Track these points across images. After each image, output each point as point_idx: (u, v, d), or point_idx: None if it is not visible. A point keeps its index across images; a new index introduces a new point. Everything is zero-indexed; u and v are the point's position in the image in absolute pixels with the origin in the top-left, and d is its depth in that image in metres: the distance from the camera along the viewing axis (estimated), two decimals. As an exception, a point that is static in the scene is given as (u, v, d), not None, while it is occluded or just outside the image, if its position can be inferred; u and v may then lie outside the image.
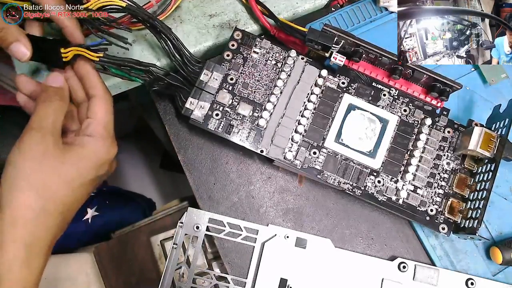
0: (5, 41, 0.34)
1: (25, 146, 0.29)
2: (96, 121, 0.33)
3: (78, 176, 0.31)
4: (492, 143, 0.37)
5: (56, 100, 0.32)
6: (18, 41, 0.34)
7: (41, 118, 0.30)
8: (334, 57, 0.38)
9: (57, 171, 0.30)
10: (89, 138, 0.32)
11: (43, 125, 0.30)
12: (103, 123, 0.33)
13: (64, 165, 0.30)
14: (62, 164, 0.30)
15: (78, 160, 0.31)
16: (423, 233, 0.41)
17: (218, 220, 0.40)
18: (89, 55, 0.36)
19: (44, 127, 0.30)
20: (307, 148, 0.39)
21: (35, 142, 0.29)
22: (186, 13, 0.43)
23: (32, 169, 0.29)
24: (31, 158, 0.29)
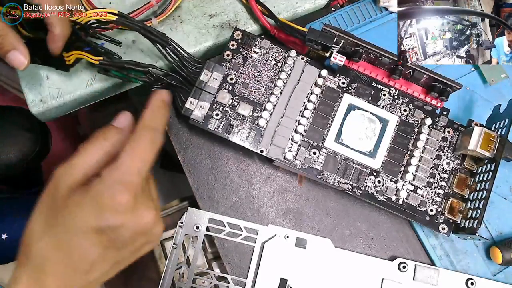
0: (1, 49, 0.33)
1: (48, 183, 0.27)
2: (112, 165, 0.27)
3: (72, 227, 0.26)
4: (492, 143, 0.37)
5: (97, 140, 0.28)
6: (16, 49, 0.33)
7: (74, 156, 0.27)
8: (334, 57, 0.38)
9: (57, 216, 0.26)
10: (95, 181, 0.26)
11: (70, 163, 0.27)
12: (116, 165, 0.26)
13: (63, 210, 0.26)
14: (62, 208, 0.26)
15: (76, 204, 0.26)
16: (423, 233, 0.41)
17: (218, 220, 0.40)
18: (90, 59, 0.37)
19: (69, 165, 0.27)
20: (307, 148, 0.39)
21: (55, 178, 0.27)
22: (186, 13, 0.43)
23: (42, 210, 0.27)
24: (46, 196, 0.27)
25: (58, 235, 0.26)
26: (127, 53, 0.41)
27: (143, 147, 0.27)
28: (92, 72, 0.41)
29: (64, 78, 0.40)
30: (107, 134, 0.28)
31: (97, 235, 0.26)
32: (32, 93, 0.40)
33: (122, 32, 0.41)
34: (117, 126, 0.29)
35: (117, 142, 0.28)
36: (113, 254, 0.27)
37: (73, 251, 0.26)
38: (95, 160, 0.27)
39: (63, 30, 0.34)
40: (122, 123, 0.29)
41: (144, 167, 0.27)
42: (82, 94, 0.40)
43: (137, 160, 0.27)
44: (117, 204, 0.26)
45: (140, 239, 0.28)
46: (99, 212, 0.26)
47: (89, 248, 0.26)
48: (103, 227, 0.26)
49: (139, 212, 0.27)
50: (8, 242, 0.56)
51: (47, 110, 0.40)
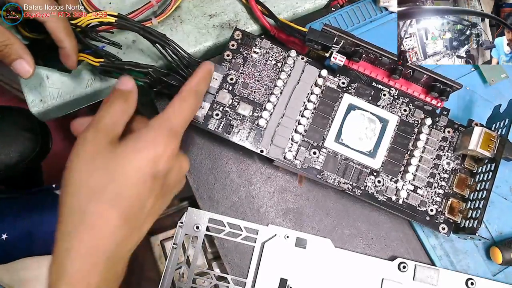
0: (8, 57, 0.34)
1: (78, 148, 0.28)
2: (159, 116, 0.30)
3: (132, 169, 0.27)
4: (492, 143, 0.37)
5: (119, 102, 0.30)
6: (22, 58, 0.34)
7: (99, 118, 0.29)
8: (334, 57, 0.38)
9: (110, 168, 0.27)
10: (144, 129, 0.29)
11: (98, 125, 0.28)
12: (165, 117, 0.30)
13: (115, 160, 0.27)
14: (112, 159, 0.27)
15: (129, 152, 0.28)
16: (423, 233, 0.41)
17: (218, 220, 0.40)
18: (91, 61, 0.37)
19: (99, 127, 0.28)
20: (307, 148, 0.39)
21: (87, 143, 0.28)
22: (186, 13, 0.43)
23: (87, 172, 0.27)
24: (84, 160, 0.27)
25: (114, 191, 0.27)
26: (127, 53, 0.41)
27: (188, 105, 0.31)
28: (92, 72, 0.41)
29: (64, 78, 0.40)
30: (126, 96, 0.30)
31: (152, 182, 0.28)
32: (32, 93, 0.40)
33: (122, 32, 0.41)
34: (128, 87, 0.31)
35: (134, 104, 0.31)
36: (160, 203, 0.30)
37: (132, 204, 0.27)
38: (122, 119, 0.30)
39: (72, 43, 0.35)
40: (128, 85, 0.31)
41: (186, 122, 0.31)
42: (82, 94, 0.40)
43: (183, 115, 0.31)
44: (170, 150, 0.28)
45: (178, 185, 0.32)
46: (155, 157, 0.28)
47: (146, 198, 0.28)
48: (159, 171, 0.28)
49: (181, 158, 0.31)
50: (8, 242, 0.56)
51: (47, 110, 0.40)
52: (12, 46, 0.34)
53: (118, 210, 0.27)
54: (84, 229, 0.26)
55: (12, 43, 0.34)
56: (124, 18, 0.36)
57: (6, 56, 0.34)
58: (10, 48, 0.34)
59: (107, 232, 0.26)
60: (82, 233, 0.26)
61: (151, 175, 0.28)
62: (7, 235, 0.56)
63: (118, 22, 0.36)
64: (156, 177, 0.28)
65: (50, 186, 0.66)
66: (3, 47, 0.33)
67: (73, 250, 0.26)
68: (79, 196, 0.27)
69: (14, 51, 0.34)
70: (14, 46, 0.34)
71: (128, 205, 0.27)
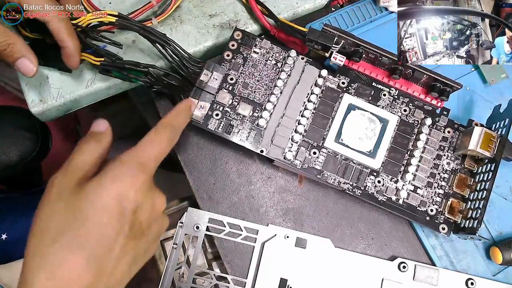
0: (11, 56, 0.34)
1: (45, 192, 0.27)
2: (129, 150, 0.28)
3: (94, 208, 0.25)
4: (492, 143, 0.37)
5: (91, 143, 0.29)
6: (24, 56, 0.34)
7: (69, 161, 0.28)
8: (334, 57, 0.38)
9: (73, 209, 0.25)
10: (111, 164, 0.27)
11: (67, 168, 0.27)
12: (135, 150, 0.28)
13: (78, 200, 0.26)
14: (76, 200, 0.26)
15: (93, 190, 0.26)
16: (423, 233, 0.41)
17: (218, 220, 0.40)
18: (92, 60, 0.37)
19: (67, 169, 0.27)
20: (307, 148, 0.39)
21: (54, 186, 0.26)
22: (186, 13, 0.43)
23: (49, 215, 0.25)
24: (48, 203, 0.26)
25: (78, 232, 0.25)
26: (127, 53, 0.41)
27: (163, 139, 0.30)
28: (92, 72, 0.41)
29: (64, 78, 0.40)
30: (98, 137, 0.29)
31: (118, 220, 0.26)
32: (32, 93, 0.40)
33: (123, 32, 0.41)
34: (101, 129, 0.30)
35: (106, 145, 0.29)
36: (133, 244, 0.27)
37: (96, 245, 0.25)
38: (91, 160, 0.28)
39: (75, 43, 0.35)
40: (101, 127, 0.30)
41: (160, 157, 0.29)
42: (82, 94, 0.40)
43: (155, 149, 0.29)
44: (138, 184, 0.26)
45: (154, 226, 0.29)
46: (120, 193, 0.26)
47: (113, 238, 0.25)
48: (125, 208, 0.26)
49: (155, 195, 0.28)
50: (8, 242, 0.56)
51: (47, 110, 0.40)
52: (15, 45, 0.34)
53: (80, 253, 0.24)
54: (44, 275, 0.24)
55: (15, 42, 0.34)
56: (124, 18, 0.36)
57: (9, 55, 0.34)
58: (13, 47, 0.34)
59: (69, 277, 0.24)
60: (41, 280, 0.24)
61: (116, 213, 0.25)
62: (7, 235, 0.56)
63: (118, 22, 0.36)
64: (122, 214, 0.26)
65: (50, 186, 0.66)
66: (6, 46, 0.33)
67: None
68: (40, 239, 0.25)
69: (17, 50, 0.34)
70: (17, 45, 0.34)
71: (91, 247, 0.25)
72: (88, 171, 0.28)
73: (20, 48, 0.34)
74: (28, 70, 0.35)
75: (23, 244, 0.53)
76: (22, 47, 0.34)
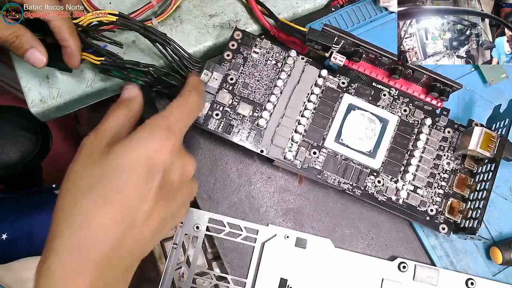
0: (20, 48, 0.34)
1: (77, 152, 0.27)
2: (157, 114, 0.28)
3: (125, 164, 0.26)
4: (492, 143, 0.37)
5: (121, 108, 0.29)
6: (34, 47, 0.34)
7: (100, 124, 0.28)
8: (334, 57, 0.38)
9: (103, 166, 0.26)
10: (140, 127, 0.27)
11: (98, 130, 0.28)
12: (163, 114, 0.28)
13: (108, 158, 0.26)
14: (106, 158, 0.26)
15: (123, 149, 0.26)
16: (423, 233, 0.41)
17: (218, 220, 0.40)
18: (93, 59, 0.37)
19: (98, 132, 0.28)
20: (307, 148, 0.39)
21: (85, 146, 0.27)
22: (186, 13, 0.43)
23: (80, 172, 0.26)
24: (79, 162, 0.27)
25: (107, 188, 0.25)
26: (127, 53, 0.41)
27: (190, 103, 0.30)
28: (92, 72, 0.41)
29: (64, 78, 0.40)
30: (128, 103, 0.30)
31: (148, 178, 0.26)
32: (32, 93, 0.40)
33: (123, 32, 0.41)
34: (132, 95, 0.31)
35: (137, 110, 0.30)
36: (162, 204, 0.27)
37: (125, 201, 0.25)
38: (122, 123, 0.29)
39: (76, 42, 0.35)
40: (131, 93, 0.31)
41: (189, 121, 0.29)
42: (82, 94, 0.40)
43: (184, 113, 0.29)
44: (168, 145, 0.27)
45: (184, 189, 0.29)
46: (150, 152, 0.26)
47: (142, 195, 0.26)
48: (155, 166, 0.26)
49: (185, 158, 0.28)
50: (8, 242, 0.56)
51: (47, 110, 0.40)
52: (23, 37, 0.34)
53: (109, 207, 0.25)
54: (73, 227, 0.24)
55: (23, 34, 0.34)
56: (125, 17, 0.36)
57: (19, 47, 0.34)
58: (21, 38, 0.34)
59: (98, 230, 0.24)
60: (71, 232, 0.24)
61: (146, 171, 0.26)
62: (7, 235, 0.56)
63: (119, 21, 0.36)
64: (151, 173, 0.26)
65: (50, 186, 0.66)
66: (15, 39, 0.34)
67: (60, 250, 0.24)
68: (71, 195, 0.26)
69: (26, 41, 0.34)
70: (25, 36, 0.34)
71: (121, 202, 0.25)
72: (119, 134, 0.28)
73: (28, 39, 0.34)
74: (38, 61, 0.35)
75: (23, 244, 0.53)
76: (30, 38, 0.34)
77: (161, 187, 0.27)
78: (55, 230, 0.25)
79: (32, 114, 0.40)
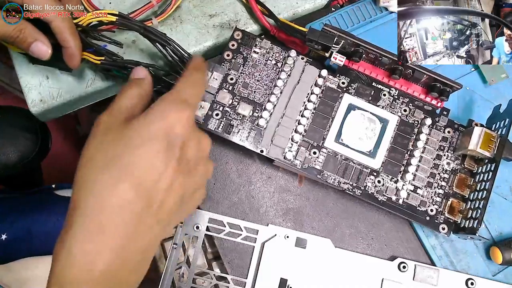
0: (25, 42, 0.34)
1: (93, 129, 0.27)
2: (169, 91, 0.28)
3: (142, 139, 0.25)
4: (492, 143, 0.37)
5: (133, 87, 0.30)
6: (38, 40, 0.34)
7: (114, 103, 0.28)
8: (334, 57, 0.38)
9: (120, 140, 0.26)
10: (155, 103, 0.27)
11: (112, 108, 0.28)
12: (175, 89, 0.28)
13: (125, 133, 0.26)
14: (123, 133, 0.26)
15: (140, 124, 0.26)
16: (423, 233, 0.41)
17: (218, 220, 0.40)
18: (93, 59, 0.37)
19: (113, 110, 0.28)
20: (307, 148, 0.39)
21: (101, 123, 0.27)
22: (186, 13, 0.43)
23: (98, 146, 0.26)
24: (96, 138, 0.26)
25: (125, 163, 0.25)
26: (127, 53, 0.41)
27: (197, 79, 0.30)
28: (92, 72, 0.41)
29: (64, 78, 0.40)
30: (139, 82, 0.30)
31: (168, 151, 0.25)
32: (32, 93, 0.40)
33: (123, 32, 0.41)
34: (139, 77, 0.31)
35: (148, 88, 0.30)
36: (181, 180, 0.26)
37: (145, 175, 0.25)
38: (136, 102, 0.29)
39: (77, 42, 0.35)
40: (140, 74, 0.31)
41: (199, 95, 0.30)
42: (82, 94, 0.40)
43: (194, 86, 0.29)
44: (184, 118, 0.26)
45: (201, 166, 0.28)
46: (167, 126, 0.26)
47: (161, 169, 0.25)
48: (174, 139, 0.26)
49: (200, 134, 0.28)
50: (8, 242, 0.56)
51: (47, 110, 0.40)
52: (26, 30, 0.34)
53: (129, 181, 0.24)
54: (93, 200, 0.24)
55: (26, 27, 0.34)
56: (125, 17, 0.36)
57: (23, 41, 0.34)
58: (25, 32, 0.34)
59: (118, 204, 0.24)
60: (89, 206, 0.24)
61: (164, 145, 0.25)
62: (7, 235, 0.56)
63: (119, 21, 0.36)
64: (170, 146, 0.26)
65: (50, 186, 0.66)
66: (18, 33, 0.34)
67: (77, 225, 0.24)
68: (89, 169, 0.25)
69: (29, 34, 0.34)
70: (28, 29, 0.34)
71: (140, 176, 0.25)
72: (134, 110, 0.28)
73: (31, 32, 0.34)
74: (43, 52, 0.35)
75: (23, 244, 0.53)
76: (33, 31, 0.34)
77: (179, 162, 0.26)
78: (76, 203, 0.25)
79: (32, 114, 0.40)
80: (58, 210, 0.59)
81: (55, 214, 0.58)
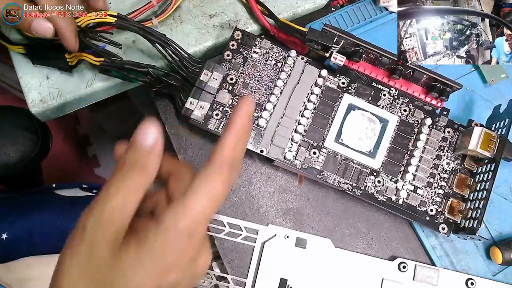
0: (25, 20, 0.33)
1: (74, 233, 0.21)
2: (174, 204, 0.21)
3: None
4: (492, 143, 0.37)
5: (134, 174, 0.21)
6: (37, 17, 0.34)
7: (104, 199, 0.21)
8: (334, 57, 0.38)
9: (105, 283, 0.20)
10: (153, 228, 0.21)
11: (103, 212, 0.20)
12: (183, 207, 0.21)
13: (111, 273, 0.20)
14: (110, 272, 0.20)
15: (130, 262, 0.20)
16: (423, 233, 0.41)
17: (218, 220, 0.40)
18: (92, 60, 0.37)
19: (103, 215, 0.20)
20: (307, 148, 0.39)
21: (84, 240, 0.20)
22: (186, 13, 0.43)
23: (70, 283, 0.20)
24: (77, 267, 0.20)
25: None
26: (127, 53, 0.41)
27: (219, 187, 0.21)
28: (92, 72, 0.41)
29: (64, 78, 0.40)
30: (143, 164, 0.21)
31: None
32: (32, 93, 0.40)
33: (122, 32, 0.41)
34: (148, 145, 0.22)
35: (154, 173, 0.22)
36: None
37: None
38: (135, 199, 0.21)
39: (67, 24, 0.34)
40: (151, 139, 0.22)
41: (214, 211, 0.22)
42: (82, 94, 0.40)
43: (209, 204, 0.21)
44: (185, 259, 0.21)
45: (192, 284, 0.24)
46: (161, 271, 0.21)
47: None
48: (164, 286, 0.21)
49: (200, 260, 0.23)
50: (8, 242, 0.56)
51: (47, 110, 0.40)
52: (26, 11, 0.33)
53: None
54: None
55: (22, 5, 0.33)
56: (123, 18, 0.36)
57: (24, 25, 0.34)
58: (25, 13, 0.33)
59: None
60: None
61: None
62: (7, 235, 0.56)
63: (117, 22, 0.36)
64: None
65: (50, 186, 0.66)
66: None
67: None
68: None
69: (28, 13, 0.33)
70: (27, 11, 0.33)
71: None
72: (128, 220, 0.21)
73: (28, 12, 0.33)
74: (46, 28, 0.34)
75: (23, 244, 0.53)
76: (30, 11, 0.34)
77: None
78: None
79: (32, 114, 0.40)
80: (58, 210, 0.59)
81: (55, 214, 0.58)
